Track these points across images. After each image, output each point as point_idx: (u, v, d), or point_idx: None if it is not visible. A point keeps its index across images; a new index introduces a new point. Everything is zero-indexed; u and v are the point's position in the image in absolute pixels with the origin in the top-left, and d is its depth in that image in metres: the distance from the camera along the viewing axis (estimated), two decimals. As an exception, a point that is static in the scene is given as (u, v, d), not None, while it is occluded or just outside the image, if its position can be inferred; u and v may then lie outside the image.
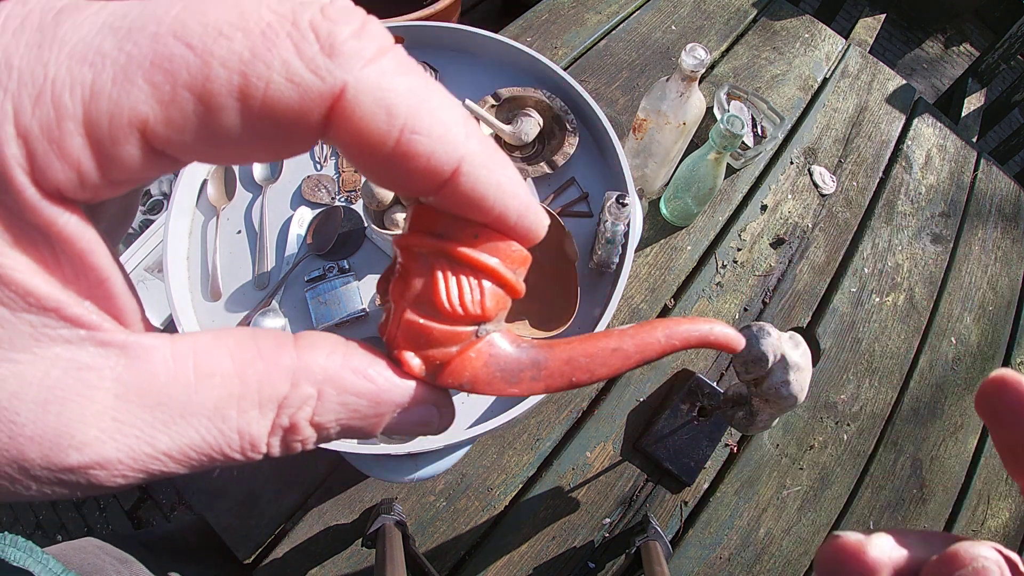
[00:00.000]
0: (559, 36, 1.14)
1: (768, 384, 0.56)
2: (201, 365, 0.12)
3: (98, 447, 0.11)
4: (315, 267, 0.62)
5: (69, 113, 0.10)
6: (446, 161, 0.12)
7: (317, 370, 0.13)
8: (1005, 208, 1.19)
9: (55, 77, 0.10)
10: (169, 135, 0.10)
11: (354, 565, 0.73)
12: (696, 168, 0.83)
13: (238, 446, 0.12)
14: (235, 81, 0.10)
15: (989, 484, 0.92)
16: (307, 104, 0.11)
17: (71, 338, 0.11)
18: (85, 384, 0.11)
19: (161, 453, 0.12)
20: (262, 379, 0.12)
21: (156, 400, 0.11)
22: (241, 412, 0.12)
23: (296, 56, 0.11)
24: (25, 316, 0.10)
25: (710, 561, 0.79)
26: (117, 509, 1.50)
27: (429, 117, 0.12)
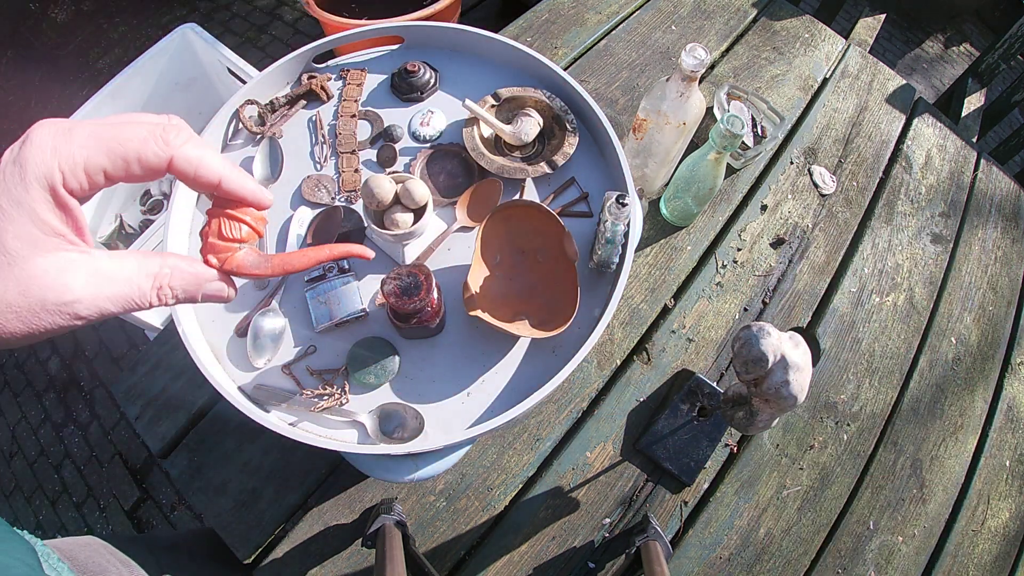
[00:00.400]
0: (559, 36, 1.14)
1: (768, 384, 0.56)
2: (123, 258, 0.29)
3: (79, 291, 0.26)
4: (315, 267, 0.61)
5: (78, 163, 0.26)
6: (214, 178, 0.30)
7: (171, 259, 0.30)
8: (1005, 208, 1.19)
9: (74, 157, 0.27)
10: (115, 175, 0.27)
11: (354, 565, 0.73)
12: (696, 168, 0.83)
13: (137, 294, 0.28)
14: (139, 154, 0.28)
15: (989, 484, 0.92)
16: (161, 161, 0.28)
17: (71, 250, 0.27)
18: (75, 267, 0.26)
19: (105, 296, 0.27)
20: (148, 264, 0.29)
21: (104, 275, 0.27)
22: (138, 277, 0.28)
23: (156, 145, 0.28)
24: (53, 239, 0.26)
25: (710, 561, 0.79)
26: (117, 509, 1.50)
27: (207, 162, 0.30)
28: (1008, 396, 1.00)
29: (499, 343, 0.60)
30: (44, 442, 1.60)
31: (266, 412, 0.54)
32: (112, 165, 0.27)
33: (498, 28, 1.03)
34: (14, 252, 0.24)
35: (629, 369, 0.88)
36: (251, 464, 0.76)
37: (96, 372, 1.65)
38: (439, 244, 0.64)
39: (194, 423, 0.78)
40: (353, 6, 1.79)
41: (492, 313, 0.56)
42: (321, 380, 0.57)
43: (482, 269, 0.60)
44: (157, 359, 0.81)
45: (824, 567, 0.81)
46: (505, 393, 0.58)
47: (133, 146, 0.27)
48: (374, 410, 0.56)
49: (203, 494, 0.74)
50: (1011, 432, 0.97)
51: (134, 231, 1.59)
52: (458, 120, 0.71)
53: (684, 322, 0.93)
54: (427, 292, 0.50)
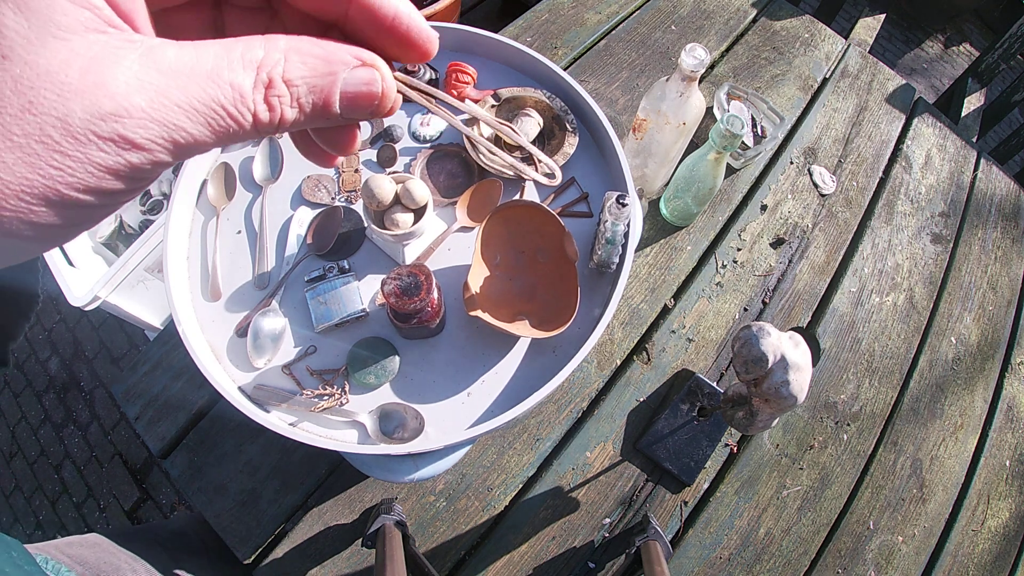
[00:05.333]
0: (559, 36, 1.14)
1: (768, 384, 0.56)
2: (199, 45, 0.16)
3: (126, 95, 0.15)
4: (315, 267, 0.62)
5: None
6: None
7: (282, 41, 0.18)
8: (1005, 208, 1.19)
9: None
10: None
11: (354, 565, 0.73)
12: (696, 168, 0.83)
13: (230, 97, 0.16)
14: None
15: (989, 484, 0.92)
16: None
17: (108, 31, 0.16)
18: (117, 57, 0.15)
19: (173, 104, 0.15)
20: (243, 49, 0.17)
21: (169, 67, 0.15)
22: (231, 70, 0.16)
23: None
24: (81, 10, 0.15)
25: (710, 561, 0.79)
26: (117, 509, 1.50)
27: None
28: (1008, 396, 1.00)
29: (499, 343, 0.60)
30: (44, 442, 1.60)
31: (266, 412, 0.54)
32: None
33: (498, 28, 1.03)
34: (12, 34, 0.14)
35: (629, 369, 0.88)
36: (251, 464, 0.76)
37: (96, 372, 1.65)
38: (439, 244, 0.64)
39: (194, 423, 0.78)
40: (353, 6, 1.79)
41: (492, 313, 0.56)
42: (321, 380, 0.57)
43: (482, 269, 0.60)
44: (157, 359, 0.81)
45: (824, 567, 0.81)
46: (505, 393, 0.58)
47: None
48: (374, 410, 0.56)
49: (203, 494, 0.74)
50: (1011, 432, 0.97)
51: (134, 231, 1.59)
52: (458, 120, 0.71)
53: (684, 322, 0.93)
54: (427, 292, 0.50)
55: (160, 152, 0.15)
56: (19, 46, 0.14)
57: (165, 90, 0.15)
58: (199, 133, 0.16)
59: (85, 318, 1.72)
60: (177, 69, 0.15)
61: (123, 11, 0.16)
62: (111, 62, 0.15)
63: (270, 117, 0.17)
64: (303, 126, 0.19)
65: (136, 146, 0.15)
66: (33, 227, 0.14)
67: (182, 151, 0.16)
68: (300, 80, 0.18)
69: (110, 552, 0.58)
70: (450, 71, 0.70)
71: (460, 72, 0.69)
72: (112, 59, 0.15)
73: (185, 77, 0.15)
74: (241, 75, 0.16)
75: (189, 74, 0.16)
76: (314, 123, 0.19)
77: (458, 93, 0.69)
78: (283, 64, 0.17)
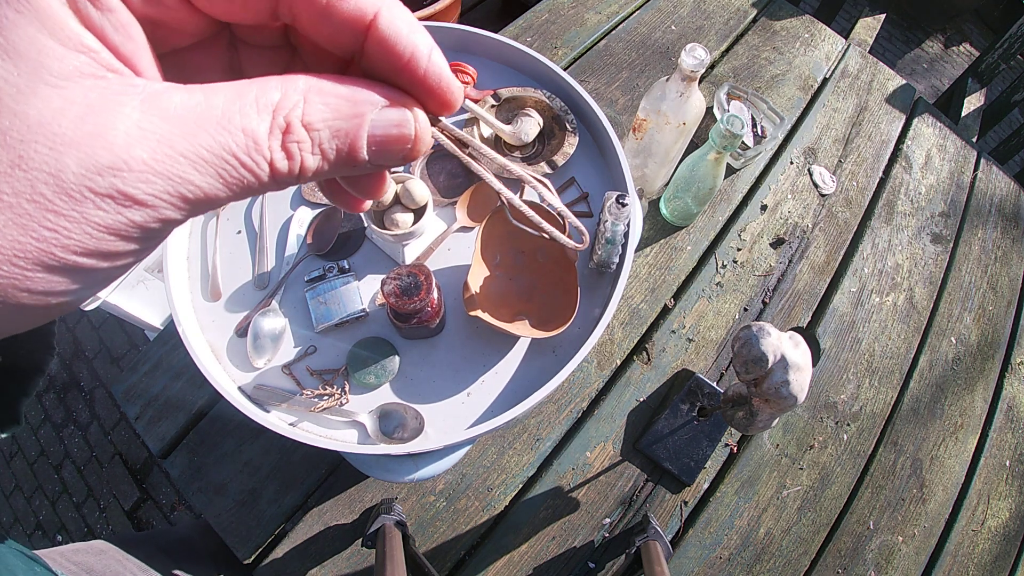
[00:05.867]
0: (559, 36, 1.14)
1: (768, 384, 0.56)
2: (208, 88, 0.15)
3: (125, 145, 0.13)
4: (315, 267, 0.62)
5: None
6: (368, 8, 0.16)
7: (301, 82, 0.16)
8: (1005, 208, 1.19)
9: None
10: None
11: (354, 565, 0.73)
12: (696, 168, 0.83)
13: (243, 144, 0.14)
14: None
15: (989, 484, 0.92)
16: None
17: (107, 76, 0.14)
18: (116, 104, 0.13)
19: (179, 154, 0.14)
20: (258, 91, 0.15)
21: (174, 114, 0.14)
22: (243, 115, 0.15)
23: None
24: (77, 55, 0.14)
25: (710, 561, 0.79)
26: (117, 509, 1.50)
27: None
28: (1008, 396, 1.00)
29: (499, 343, 0.60)
30: (44, 442, 1.60)
31: (266, 412, 0.54)
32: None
33: (498, 28, 1.03)
34: (0, 83, 0.13)
35: (629, 369, 0.88)
36: (251, 464, 0.76)
37: (96, 372, 1.65)
38: (439, 244, 0.64)
39: (194, 423, 0.78)
40: (353, 6, 1.79)
41: (492, 313, 0.56)
42: (321, 380, 0.57)
43: (482, 269, 0.60)
44: (157, 359, 0.81)
45: (824, 567, 0.81)
46: (505, 393, 0.58)
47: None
48: (374, 410, 0.56)
49: (203, 494, 0.74)
50: (1011, 432, 0.97)
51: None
52: (458, 120, 0.71)
53: (684, 322, 0.93)
54: (427, 292, 0.50)
55: (166, 208, 0.14)
56: (7, 95, 0.12)
57: (169, 139, 0.13)
58: (209, 186, 0.14)
59: (85, 318, 1.72)
60: (183, 115, 0.14)
61: (123, 54, 0.15)
62: (109, 110, 0.13)
63: (289, 166, 0.15)
64: (328, 175, 0.17)
65: (138, 202, 0.13)
66: (32, 294, 0.13)
67: (192, 207, 0.14)
68: (322, 123, 0.16)
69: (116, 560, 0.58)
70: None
71: (460, 72, 0.69)
72: (110, 107, 0.13)
73: (192, 124, 0.14)
74: (255, 120, 0.15)
75: (197, 120, 0.14)
76: (340, 171, 0.17)
77: None
78: (302, 106, 0.15)
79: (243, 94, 0.15)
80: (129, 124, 0.13)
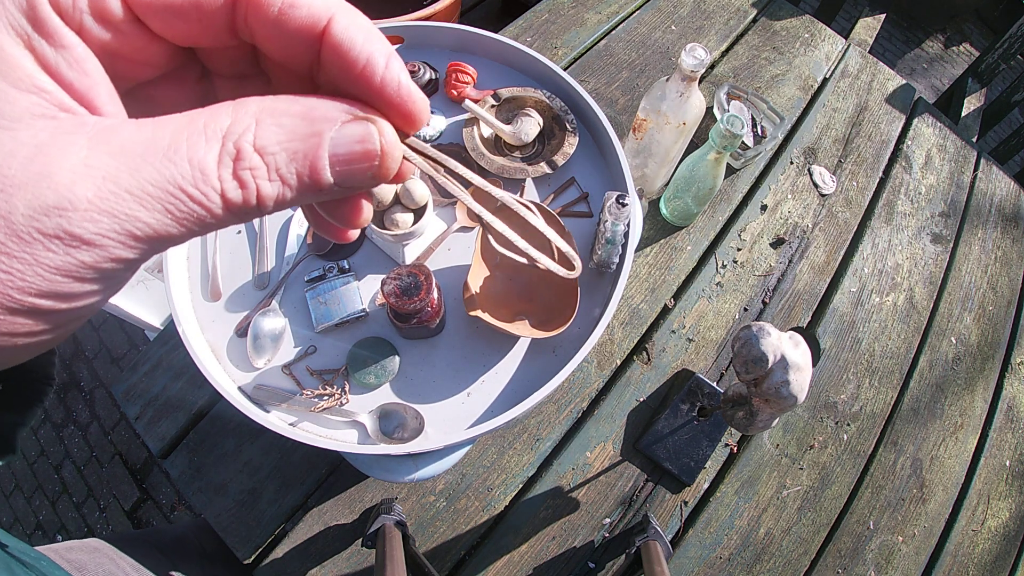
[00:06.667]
0: (559, 36, 1.14)
1: (768, 384, 0.56)
2: (158, 121, 0.14)
3: (69, 186, 0.12)
4: (315, 267, 0.62)
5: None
6: (322, 13, 0.15)
7: (253, 104, 0.15)
8: (1005, 208, 1.19)
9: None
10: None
11: (354, 565, 0.73)
12: (696, 168, 0.83)
13: (189, 176, 0.14)
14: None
15: (989, 484, 0.92)
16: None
17: (58, 116, 0.14)
18: (65, 142, 0.13)
19: (124, 191, 0.13)
20: (207, 117, 0.14)
21: (120, 149, 0.13)
22: (191, 144, 0.14)
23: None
24: (28, 95, 0.13)
25: (710, 561, 0.79)
26: (117, 509, 1.50)
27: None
28: (1008, 396, 1.00)
29: (499, 343, 0.60)
30: (44, 442, 1.60)
31: (266, 412, 0.54)
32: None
33: (498, 28, 1.03)
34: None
35: (629, 369, 0.88)
36: (251, 464, 0.76)
37: (96, 372, 1.65)
38: (439, 244, 0.64)
39: (194, 423, 0.78)
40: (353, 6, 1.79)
41: (492, 313, 0.56)
42: (321, 380, 0.57)
43: (482, 269, 0.60)
44: (157, 359, 0.81)
45: (824, 567, 0.81)
46: (505, 393, 0.58)
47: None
48: (374, 410, 0.56)
49: (203, 494, 0.74)
50: (1011, 432, 0.97)
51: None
52: (458, 120, 0.71)
53: (684, 322, 0.93)
54: (427, 292, 0.50)
55: (116, 248, 0.13)
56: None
57: (115, 175, 0.13)
58: (158, 223, 0.13)
59: (85, 318, 1.71)
60: (130, 149, 0.13)
61: (79, 90, 0.14)
62: (58, 149, 0.13)
63: (243, 196, 0.14)
64: (294, 203, 0.15)
65: (85, 242, 0.13)
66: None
67: (146, 244, 0.14)
68: (277, 146, 0.14)
69: (109, 558, 0.58)
70: (450, 71, 0.70)
71: (460, 72, 0.69)
72: (59, 146, 0.13)
73: (138, 157, 0.13)
74: (202, 148, 0.14)
75: (143, 154, 0.13)
76: (306, 198, 0.16)
77: (458, 93, 0.69)
78: (254, 129, 0.14)
79: (192, 121, 0.14)
80: (75, 162, 0.13)
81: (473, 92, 0.70)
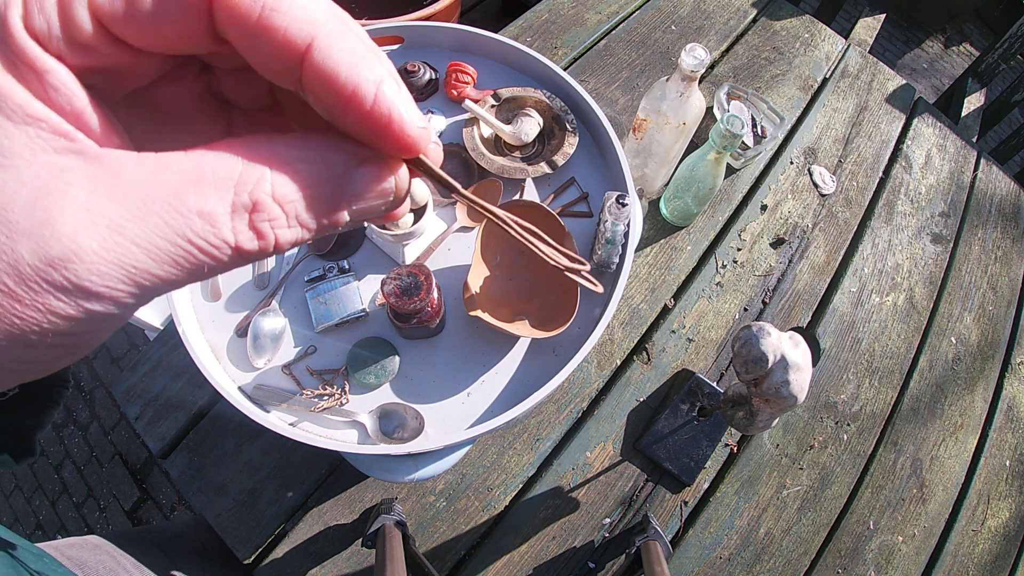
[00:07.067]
0: (559, 36, 1.14)
1: (768, 384, 0.56)
2: (161, 160, 0.13)
3: (73, 236, 0.12)
4: (315, 267, 0.62)
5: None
6: (301, 35, 0.14)
7: (263, 147, 0.14)
8: (1005, 208, 1.19)
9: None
10: (103, 6, 0.13)
11: (354, 565, 0.73)
12: (696, 168, 0.83)
13: (199, 229, 0.13)
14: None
15: (989, 484, 0.92)
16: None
17: (57, 147, 0.13)
18: (64, 182, 0.13)
19: (130, 242, 0.13)
20: (215, 163, 0.14)
21: (122, 192, 0.13)
22: (199, 194, 0.13)
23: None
24: (24, 128, 0.13)
25: (710, 561, 0.79)
26: (117, 509, 1.50)
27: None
28: (1008, 396, 1.00)
29: (499, 343, 0.60)
30: (44, 442, 1.60)
31: (266, 412, 0.54)
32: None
33: (498, 28, 1.03)
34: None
35: (629, 369, 0.88)
36: (251, 464, 0.76)
37: (96, 372, 1.65)
38: (439, 244, 0.64)
39: (194, 423, 0.78)
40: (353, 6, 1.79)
41: (492, 313, 0.56)
42: (321, 380, 0.57)
43: (482, 269, 0.60)
44: (157, 359, 0.81)
45: (824, 567, 0.81)
46: (505, 393, 0.58)
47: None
48: (374, 410, 0.56)
49: (203, 494, 0.74)
50: (1011, 432, 0.97)
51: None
52: (458, 120, 0.71)
53: (684, 322, 0.93)
54: (427, 292, 0.50)
55: (124, 297, 0.13)
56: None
57: (119, 224, 0.13)
58: (167, 274, 0.13)
59: (85, 318, 1.71)
60: (132, 193, 0.13)
61: (70, 113, 0.14)
62: (58, 192, 0.12)
63: (260, 245, 0.14)
64: (305, 242, 0.16)
65: (94, 294, 0.13)
66: (14, 362, 0.13)
67: (151, 293, 0.14)
68: (295, 194, 0.14)
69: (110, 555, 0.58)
70: (450, 71, 0.70)
71: (460, 72, 0.69)
72: (59, 187, 0.12)
73: (142, 204, 0.13)
74: (213, 200, 0.13)
75: (146, 200, 0.13)
76: (320, 236, 0.16)
77: (458, 93, 0.69)
78: (269, 179, 0.14)
79: (198, 167, 0.13)
80: (77, 207, 0.12)
81: (473, 92, 0.70)
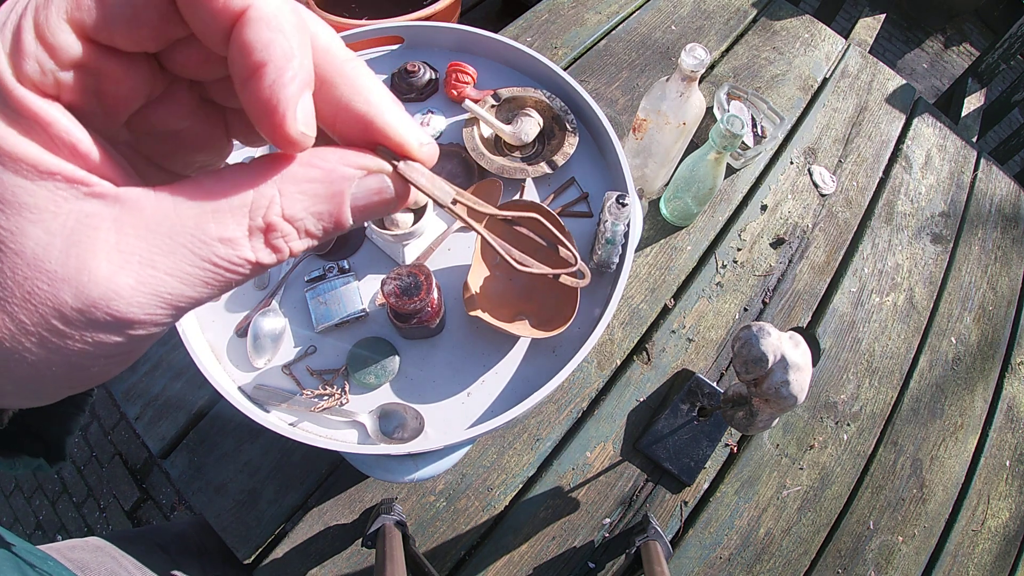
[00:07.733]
0: (559, 36, 1.14)
1: (768, 384, 0.56)
2: (178, 195, 0.15)
3: (111, 277, 0.14)
4: (315, 267, 0.62)
5: (26, 27, 0.13)
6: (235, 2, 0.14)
7: (271, 174, 0.16)
8: (1005, 208, 1.19)
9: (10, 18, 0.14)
10: (82, 17, 0.14)
11: (354, 565, 0.73)
12: (696, 168, 0.83)
13: (223, 253, 0.15)
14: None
15: (989, 484, 0.92)
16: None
17: (77, 196, 0.14)
18: (91, 228, 0.14)
19: (163, 273, 0.14)
20: (228, 193, 0.15)
21: (147, 230, 0.14)
22: (218, 222, 0.15)
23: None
24: (41, 183, 0.14)
25: (710, 561, 0.79)
26: (117, 509, 1.50)
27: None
28: (1008, 396, 1.00)
29: (499, 343, 0.60)
30: (44, 442, 1.59)
31: (266, 412, 0.54)
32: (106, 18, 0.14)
33: (498, 28, 1.03)
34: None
35: (629, 369, 0.88)
36: (251, 464, 0.76)
37: (96, 372, 1.65)
38: (439, 244, 0.64)
39: (194, 423, 0.78)
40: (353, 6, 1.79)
41: (492, 313, 0.56)
42: (321, 380, 0.57)
43: (482, 269, 0.60)
44: (157, 359, 0.81)
45: (824, 567, 0.81)
46: (505, 393, 0.58)
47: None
48: (374, 410, 0.56)
49: (203, 494, 0.74)
50: (1011, 432, 0.97)
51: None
52: (458, 120, 0.71)
53: (684, 322, 0.93)
54: (427, 292, 0.50)
55: (164, 318, 0.15)
56: (6, 239, 0.13)
57: (150, 259, 0.14)
58: (199, 294, 0.15)
59: (85, 318, 1.71)
60: (157, 230, 0.14)
61: (80, 155, 0.14)
62: (87, 239, 0.14)
63: (277, 258, 0.16)
64: (313, 249, 0.17)
65: (138, 321, 0.14)
66: (73, 381, 0.15)
67: (187, 309, 0.15)
68: (303, 212, 0.16)
69: (112, 557, 0.58)
70: (450, 71, 0.70)
71: (460, 72, 0.69)
72: (87, 235, 0.14)
73: (168, 238, 0.14)
74: (231, 227, 0.15)
75: (171, 234, 0.14)
76: (325, 240, 0.17)
77: (458, 93, 0.69)
78: (279, 201, 0.15)
79: (212, 196, 0.15)
80: (109, 249, 0.14)
81: (473, 92, 0.70)
